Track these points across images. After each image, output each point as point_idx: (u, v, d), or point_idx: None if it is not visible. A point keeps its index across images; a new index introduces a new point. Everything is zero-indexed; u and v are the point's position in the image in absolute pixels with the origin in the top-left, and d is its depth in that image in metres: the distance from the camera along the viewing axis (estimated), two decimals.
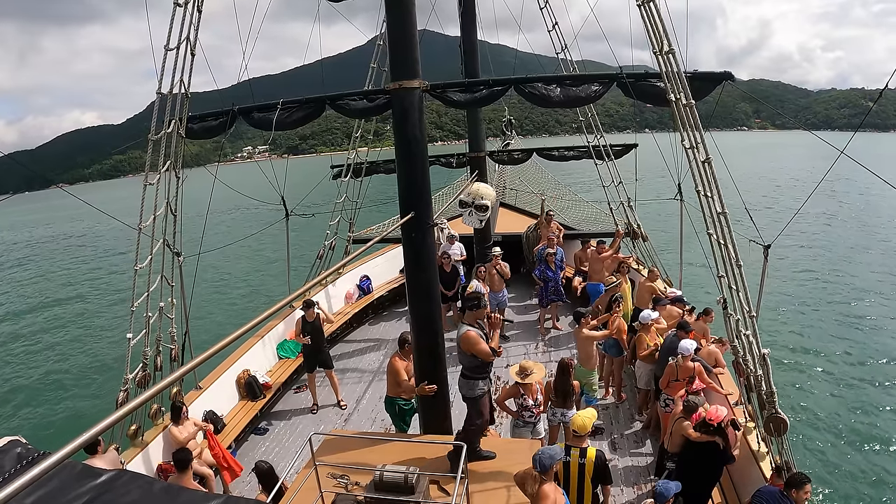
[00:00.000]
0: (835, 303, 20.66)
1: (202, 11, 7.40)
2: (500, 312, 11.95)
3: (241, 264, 33.53)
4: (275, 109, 7.69)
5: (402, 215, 6.59)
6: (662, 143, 8.62)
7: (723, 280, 6.57)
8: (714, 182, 6.32)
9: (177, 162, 7.93)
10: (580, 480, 5.72)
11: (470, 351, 6.18)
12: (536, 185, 19.91)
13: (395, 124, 6.59)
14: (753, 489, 5.89)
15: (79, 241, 55.80)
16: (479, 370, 6.35)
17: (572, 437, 5.93)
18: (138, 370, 7.79)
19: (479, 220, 10.04)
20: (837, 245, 29.40)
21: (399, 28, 6.38)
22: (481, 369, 6.36)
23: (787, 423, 5.99)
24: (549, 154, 14.04)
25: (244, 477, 7.97)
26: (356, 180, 14.31)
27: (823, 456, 11.52)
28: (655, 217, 24.77)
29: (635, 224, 12.94)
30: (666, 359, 7.83)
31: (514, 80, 7.34)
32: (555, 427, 7.51)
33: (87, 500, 2.38)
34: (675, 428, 6.62)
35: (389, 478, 5.38)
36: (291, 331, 11.54)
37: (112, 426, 1.91)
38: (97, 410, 15.68)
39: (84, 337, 23.88)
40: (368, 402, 10.06)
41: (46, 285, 35.81)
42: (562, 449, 5.41)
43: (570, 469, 5.71)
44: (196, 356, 2.49)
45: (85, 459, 6.01)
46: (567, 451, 5.68)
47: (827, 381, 14.68)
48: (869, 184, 43.99)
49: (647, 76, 7.12)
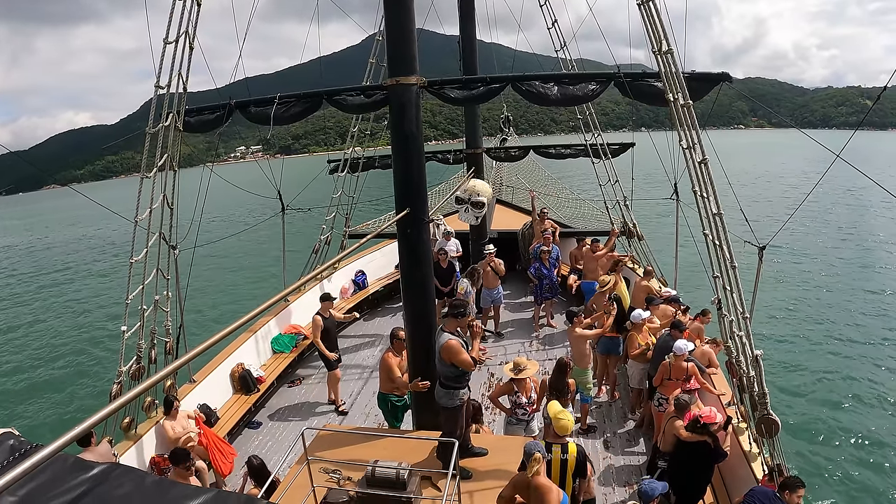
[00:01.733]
0: (829, 305, 20.68)
1: (201, 5, 7.37)
2: (494, 309, 12.00)
3: (237, 258, 33.48)
4: (272, 104, 7.67)
5: (398, 211, 6.61)
6: (658, 143, 8.63)
7: (718, 281, 6.60)
8: (710, 183, 6.34)
9: (174, 155, 7.91)
10: (562, 476, 5.73)
11: (451, 361, 5.92)
12: (533, 182, 19.92)
13: (392, 120, 6.59)
14: (744, 489, 5.91)
15: (74, 239, 55.73)
16: (459, 379, 6.08)
17: (553, 435, 5.93)
18: (132, 363, 7.77)
19: (476, 216, 10.07)
20: (832, 247, 29.43)
21: (397, 24, 6.38)
22: (460, 378, 6.09)
23: (779, 424, 6.03)
24: (547, 152, 14.04)
25: (236, 471, 7.97)
26: (352, 175, 14.31)
27: (815, 458, 11.55)
28: (651, 216, 24.85)
29: (631, 223, 12.96)
30: (660, 358, 7.86)
31: (512, 77, 7.35)
32: (549, 425, 7.52)
33: (79, 493, 2.37)
34: (667, 427, 6.65)
35: (381, 473, 5.39)
36: (287, 325, 11.55)
37: (105, 419, 1.91)
38: (91, 403, 15.68)
39: (78, 329, 23.83)
40: (362, 397, 10.06)
41: (39, 279, 35.76)
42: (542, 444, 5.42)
43: (552, 466, 5.72)
44: (190, 349, 2.50)
45: (78, 452, 6.02)
46: (548, 448, 5.67)
47: (820, 384, 14.72)
48: (866, 184, 44.06)
49: (644, 76, 7.14)
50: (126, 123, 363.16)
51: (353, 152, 14.25)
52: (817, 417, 13.11)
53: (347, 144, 14.26)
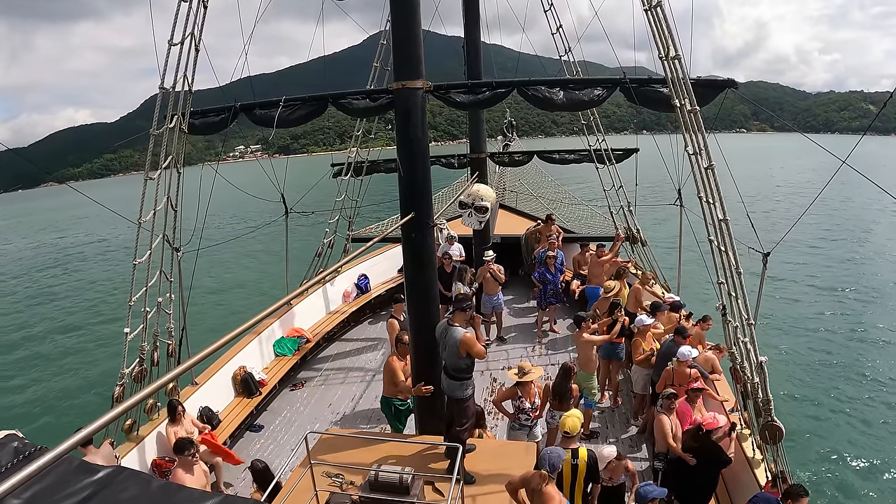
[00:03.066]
0: (833, 312, 20.61)
1: (207, 7, 7.38)
2: (495, 315, 11.96)
3: (240, 261, 33.49)
4: (277, 106, 7.67)
5: (403, 215, 6.59)
6: (661, 146, 8.61)
7: (722, 287, 6.58)
8: (716, 188, 6.32)
9: (178, 157, 7.91)
10: (573, 481, 5.73)
11: (468, 352, 6.10)
12: (537, 187, 19.90)
13: (398, 124, 6.58)
14: (748, 496, 5.89)
15: (70, 238, 55.78)
16: (468, 371, 6.29)
17: (563, 438, 5.93)
18: (135, 365, 7.77)
19: (479, 221, 10.04)
20: (837, 253, 29.32)
21: (403, 28, 6.37)
22: (470, 370, 6.32)
23: (783, 431, 5.99)
24: (550, 157, 14.03)
25: (240, 474, 7.96)
26: (356, 179, 14.29)
27: (818, 465, 11.50)
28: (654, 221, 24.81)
29: (635, 228, 12.92)
30: (663, 364, 7.85)
31: (518, 82, 7.35)
32: (553, 430, 7.50)
33: (84, 496, 2.37)
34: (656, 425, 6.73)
35: (384, 478, 5.38)
36: (290, 328, 11.52)
37: (110, 423, 1.90)
38: (92, 403, 15.66)
39: (80, 331, 23.85)
40: (364, 401, 10.04)
41: (40, 280, 35.81)
42: (565, 451, 5.42)
43: (563, 470, 5.71)
44: (193, 352, 2.49)
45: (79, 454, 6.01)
46: None
47: (824, 390, 14.67)
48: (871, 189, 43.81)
49: (651, 81, 7.13)
50: (126, 121, 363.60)
51: (358, 155, 14.24)
52: (822, 424, 13.06)
53: (350, 146, 14.24)
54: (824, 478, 11.14)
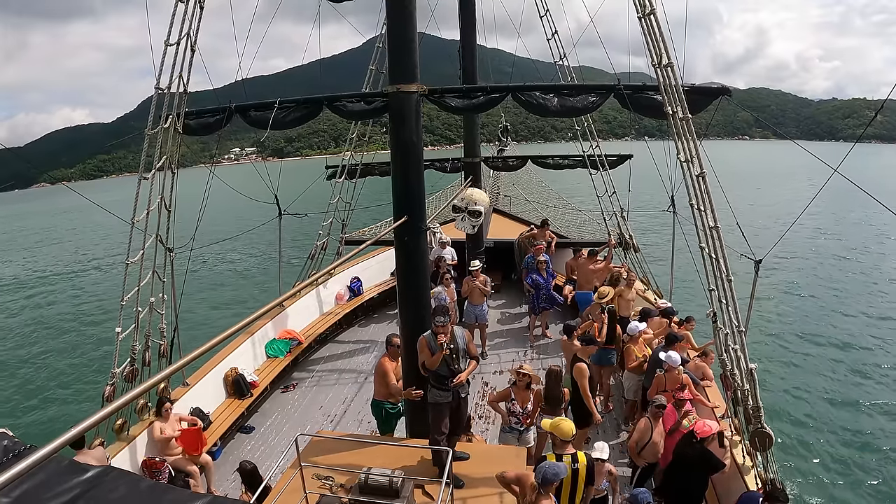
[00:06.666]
0: (824, 319, 20.70)
1: (203, 7, 7.39)
2: (479, 328, 11.60)
3: (233, 262, 33.40)
4: (272, 108, 7.67)
5: (396, 219, 6.60)
6: (659, 153, 8.64)
7: (713, 293, 6.61)
8: (708, 196, 6.36)
9: (172, 158, 7.90)
10: (573, 485, 5.74)
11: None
12: (531, 192, 19.94)
13: (392, 128, 6.60)
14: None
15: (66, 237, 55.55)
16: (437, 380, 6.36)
17: (559, 443, 5.94)
18: (126, 365, 7.74)
19: (472, 225, 10.04)
20: (829, 261, 29.45)
21: (399, 32, 6.40)
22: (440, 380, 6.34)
23: (773, 438, 6.03)
24: (544, 162, 14.06)
25: (228, 475, 7.93)
26: (350, 182, 14.30)
27: (808, 473, 11.55)
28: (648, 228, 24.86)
29: (627, 234, 12.97)
30: (654, 370, 7.88)
31: (513, 87, 7.37)
32: (542, 434, 7.50)
33: (73, 495, 2.37)
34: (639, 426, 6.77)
35: (374, 481, 5.37)
36: (282, 330, 11.50)
37: (102, 421, 1.90)
38: (81, 403, 15.56)
39: (71, 330, 23.72)
40: (355, 403, 10.03)
41: (32, 280, 35.61)
42: (566, 467, 5.42)
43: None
44: (185, 353, 2.50)
45: (72, 455, 5.98)
46: (559, 459, 5.67)
47: (815, 397, 14.73)
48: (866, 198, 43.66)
49: (644, 88, 7.17)
50: (123, 122, 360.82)
51: (351, 158, 14.24)
52: (812, 431, 13.12)
53: (344, 149, 14.26)
54: (812, 485, 11.18)
